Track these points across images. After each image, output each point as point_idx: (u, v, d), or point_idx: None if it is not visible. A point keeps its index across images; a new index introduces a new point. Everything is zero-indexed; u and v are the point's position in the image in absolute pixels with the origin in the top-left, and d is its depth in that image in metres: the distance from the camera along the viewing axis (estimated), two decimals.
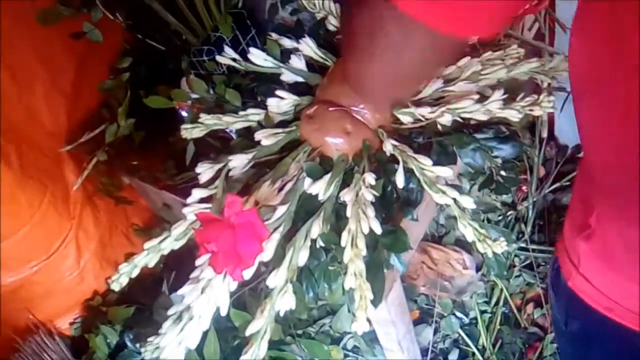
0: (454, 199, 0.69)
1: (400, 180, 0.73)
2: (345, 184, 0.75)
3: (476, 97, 0.75)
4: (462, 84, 0.80)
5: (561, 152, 1.52)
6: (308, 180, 0.75)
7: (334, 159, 0.78)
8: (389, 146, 0.76)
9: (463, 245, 1.39)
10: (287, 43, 0.90)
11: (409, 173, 0.73)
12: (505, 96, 0.74)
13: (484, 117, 0.75)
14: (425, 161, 0.71)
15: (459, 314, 1.39)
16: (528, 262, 1.46)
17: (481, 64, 0.82)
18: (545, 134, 1.33)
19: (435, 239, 1.41)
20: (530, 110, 0.74)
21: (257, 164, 0.79)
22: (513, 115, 0.74)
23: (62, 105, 1.06)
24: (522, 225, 1.50)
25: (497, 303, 1.41)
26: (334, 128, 0.77)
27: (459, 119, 0.76)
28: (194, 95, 0.90)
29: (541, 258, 1.47)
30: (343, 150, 0.78)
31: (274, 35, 0.92)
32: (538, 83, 0.86)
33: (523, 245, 1.47)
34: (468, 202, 0.68)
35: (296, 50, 0.89)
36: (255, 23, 1.00)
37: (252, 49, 0.88)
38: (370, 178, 0.72)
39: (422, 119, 0.77)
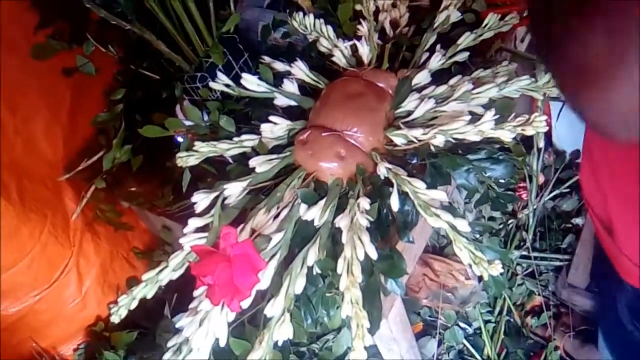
0: (449, 223, 0.69)
1: (395, 203, 0.73)
2: (340, 208, 0.75)
3: (468, 117, 0.76)
4: (454, 104, 0.80)
5: (559, 158, 1.52)
6: (303, 207, 0.75)
7: (328, 184, 0.78)
8: (383, 169, 0.76)
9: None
10: (280, 67, 0.91)
11: (403, 195, 0.74)
12: (497, 116, 0.75)
13: (476, 138, 0.75)
14: (419, 184, 0.72)
15: (462, 325, 1.39)
16: (530, 269, 1.46)
17: (472, 82, 0.82)
18: (542, 144, 1.33)
19: (437, 250, 1.41)
20: (523, 129, 0.74)
21: (252, 191, 0.80)
22: (505, 135, 0.74)
23: (60, 135, 1.07)
24: (524, 233, 1.49)
25: (500, 312, 1.41)
26: (328, 153, 0.78)
27: (451, 139, 0.77)
28: (188, 123, 0.90)
29: (543, 266, 1.46)
30: (337, 174, 0.78)
31: (267, 59, 0.93)
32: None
33: (525, 253, 1.47)
34: (463, 225, 0.68)
35: (288, 73, 0.90)
36: (248, 46, 1.01)
37: (244, 75, 0.88)
38: (365, 203, 0.72)
39: (415, 141, 0.78)
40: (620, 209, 0.74)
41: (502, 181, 0.79)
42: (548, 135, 1.51)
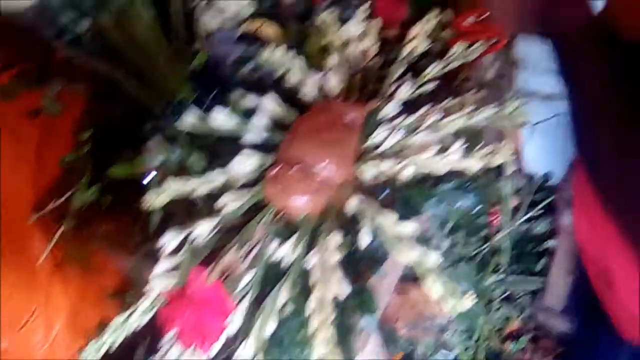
0: (418, 258, 0.68)
1: (365, 238, 0.73)
2: (312, 244, 0.75)
3: (437, 148, 0.76)
4: (423, 134, 0.80)
5: (530, 181, 1.53)
6: (274, 244, 0.75)
7: (299, 220, 0.77)
8: (353, 203, 0.76)
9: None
10: (250, 101, 0.91)
11: (374, 229, 0.73)
12: (465, 146, 0.75)
13: (445, 169, 0.75)
14: (389, 218, 0.71)
15: (442, 353, 1.37)
16: (507, 294, 1.46)
17: (441, 112, 0.83)
18: (512, 169, 1.34)
19: (413, 278, 1.40)
20: (490, 160, 0.74)
21: (223, 229, 0.79)
22: (473, 165, 0.75)
23: (28, 174, 1.03)
24: (499, 257, 1.49)
25: (479, 338, 1.40)
26: (298, 188, 0.77)
27: (421, 171, 0.77)
28: (157, 161, 0.89)
29: (520, 289, 1.47)
30: (308, 209, 0.78)
31: (237, 94, 0.93)
32: None
33: (501, 277, 1.47)
34: (433, 260, 0.68)
35: (259, 107, 0.90)
36: (218, 81, 1.00)
37: (214, 111, 0.88)
38: (336, 238, 0.72)
39: (385, 173, 0.78)
40: (625, 262, 0.72)
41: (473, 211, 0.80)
42: (518, 159, 1.53)
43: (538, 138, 1.36)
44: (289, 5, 1.13)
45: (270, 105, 0.88)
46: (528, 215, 1.51)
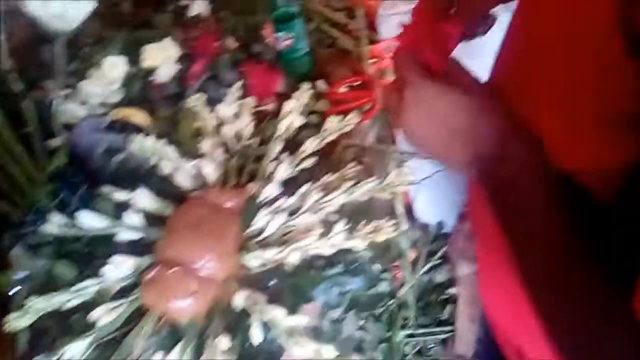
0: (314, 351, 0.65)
1: (256, 335, 0.69)
2: (201, 347, 0.69)
3: (320, 231, 0.74)
4: (306, 216, 0.78)
5: (425, 232, 1.55)
6: (158, 355, 0.69)
7: (184, 325, 0.72)
8: (239, 299, 0.72)
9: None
10: (121, 196, 0.85)
11: (266, 323, 0.69)
12: (347, 226, 0.73)
13: (331, 251, 0.73)
14: (279, 312, 0.68)
15: None
16: (419, 347, 1.45)
17: (321, 189, 0.81)
18: (405, 226, 1.36)
19: None
20: (374, 236, 0.73)
21: (100, 345, 0.72)
22: (358, 245, 0.73)
23: None
24: (406, 312, 1.49)
25: None
26: (179, 290, 0.72)
27: (307, 255, 0.74)
28: (21, 275, 0.80)
29: (430, 340, 1.46)
30: (192, 312, 0.72)
31: (106, 189, 0.86)
32: None
33: (410, 332, 1.46)
34: (329, 353, 0.65)
35: (130, 203, 0.84)
36: (87, 175, 0.94)
37: (80, 212, 0.81)
38: (224, 341, 0.68)
39: (270, 262, 0.74)
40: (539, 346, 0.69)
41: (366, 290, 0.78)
42: (410, 211, 1.55)
43: (427, 188, 1.38)
44: (158, 89, 1.09)
45: (142, 200, 0.83)
46: (428, 266, 1.52)
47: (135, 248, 0.81)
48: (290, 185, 0.84)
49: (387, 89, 0.54)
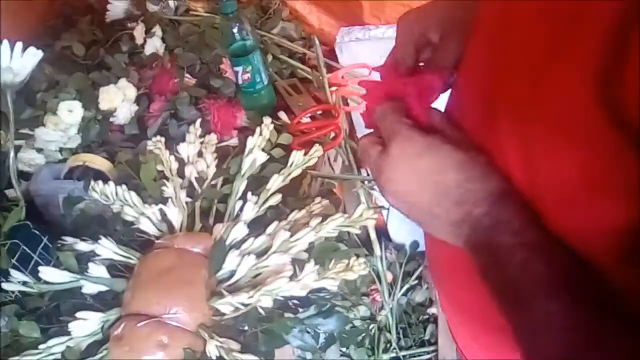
0: None
1: None
2: None
3: (289, 273, 0.73)
4: (275, 257, 0.76)
5: (401, 252, 1.55)
6: None
7: None
8: (212, 349, 0.69)
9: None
10: (84, 247, 0.82)
11: None
12: (317, 267, 0.72)
13: (302, 293, 0.72)
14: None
15: None
16: None
17: (289, 228, 0.80)
18: (378, 251, 1.35)
19: None
20: (345, 275, 0.72)
21: None
22: (330, 284, 0.72)
23: None
24: (387, 334, 1.48)
25: None
26: (148, 345, 0.69)
27: (279, 298, 0.73)
28: None
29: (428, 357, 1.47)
30: None
31: (68, 240, 0.83)
32: None
33: (393, 354, 1.45)
34: None
35: (94, 254, 0.81)
36: (49, 224, 0.92)
37: (41, 268, 0.78)
38: None
39: (242, 307, 0.72)
40: None
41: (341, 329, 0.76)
42: (385, 233, 1.55)
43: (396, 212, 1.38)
44: (118, 131, 1.07)
45: (106, 251, 0.80)
46: (406, 287, 1.52)
47: (101, 301, 0.78)
48: (257, 225, 0.82)
49: (365, 143, 0.50)
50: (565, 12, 0.35)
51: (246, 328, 0.73)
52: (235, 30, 1.05)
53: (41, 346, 0.73)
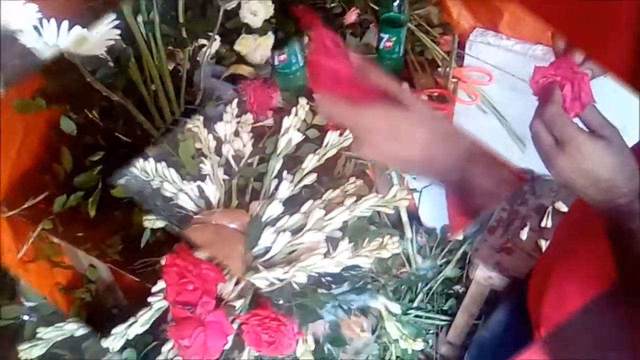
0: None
1: None
2: None
3: (324, 250, 0.76)
4: (310, 234, 0.79)
5: (432, 236, 1.57)
6: None
7: None
8: None
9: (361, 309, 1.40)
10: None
11: None
12: (351, 245, 0.76)
13: (336, 269, 0.74)
14: None
15: None
16: None
17: (324, 207, 0.82)
18: (410, 233, 1.37)
19: None
20: (379, 253, 0.75)
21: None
22: (364, 262, 0.75)
23: (6, 170, 1.04)
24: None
25: None
26: None
27: (313, 274, 0.76)
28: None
29: (427, 324, 1.57)
30: None
31: None
32: None
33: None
34: (395, 308, 0.78)
35: None
36: None
37: None
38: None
39: (277, 282, 0.75)
40: None
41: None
42: (416, 217, 1.56)
43: (430, 194, 1.39)
44: None
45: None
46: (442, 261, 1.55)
47: None
48: (292, 203, 0.84)
49: (539, 130, 0.56)
50: None
51: (281, 302, 0.76)
52: (396, 3, 1.15)
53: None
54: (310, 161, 0.89)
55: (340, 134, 0.92)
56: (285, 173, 0.88)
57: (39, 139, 1.12)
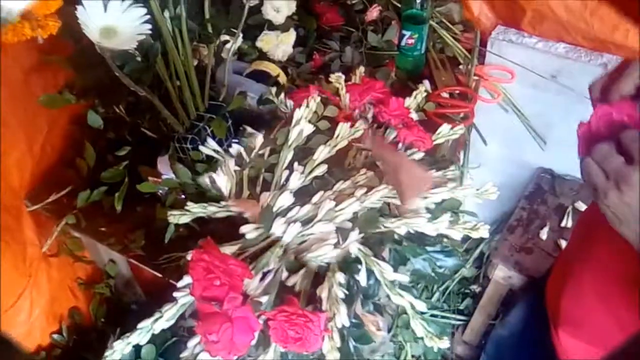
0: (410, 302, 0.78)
1: (363, 278, 0.80)
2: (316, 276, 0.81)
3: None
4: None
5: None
6: (285, 274, 0.81)
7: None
8: (354, 249, 0.81)
9: (377, 307, 1.41)
10: (260, 139, 0.94)
11: (368, 272, 0.81)
12: (450, 218, 0.85)
13: (433, 233, 0.84)
14: (386, 267, 0.79)
15: None
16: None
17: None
18: None
19: None
20: (469, 232, 0.86)
21: (239, 254, 0.81)
22: (455, 234, 0.86)
23: (30, 165, 1.09)
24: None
25: None
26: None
27: (411, 230, 0.85)
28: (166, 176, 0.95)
29: (442, 323, 1.59)
30: None
31: (249, 130, 0.96)
32: None
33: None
34: (421, 306, 0.78)
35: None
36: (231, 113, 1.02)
37: (233, 146, 0.95)
38: (340, 277, 0.78)
39: (382, 227, 0.84)
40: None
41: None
42: None
43: None
44: None
45: None
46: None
47: None
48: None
49: (607, 149, 0.54)
50: None
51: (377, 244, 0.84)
52: (418, 0, 1.14)
53: (223, 203, 0.87)
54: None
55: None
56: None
57: (62, 133, 1.14)
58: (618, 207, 0.53)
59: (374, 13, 1.34)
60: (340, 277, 0.78)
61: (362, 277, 0.80)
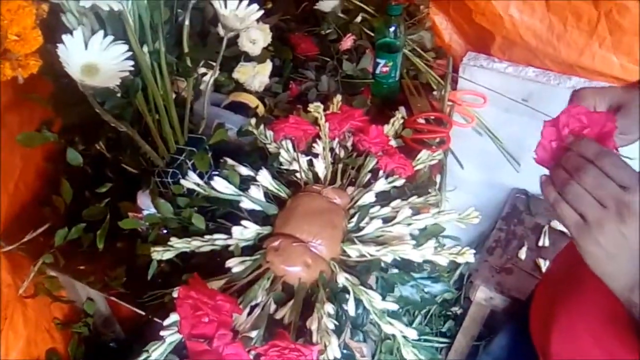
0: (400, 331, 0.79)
1: (352, 308, 0.81)
2: (304, 307, 0.81)
3: (413, 242, 0.86)
4: (399, 227, 0.89)
5: None
6: (274, 306, 0.81)
7: (295, 287, 0.84)
8: (341, 279, 0.83)
9: None
10: (244, 171, 0.97)
11: (357, 301, 0.81)
12: (435, 244, 0.86)
13: (419, 259, 0.85)
14: (375, 295, 0.80)
15: None
16: None
17: (411, 207, 0.93)
18: None
19: None
20: (455, 257, 0.86)
21: (226, 289, 0.81)
22: (441, 260, 0.86)
23: (5, 204, 1.05)
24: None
25: None
26: (297, 261, 0.84)
27: (398, 258, 0.86)
28: (147, 212, 0.96)
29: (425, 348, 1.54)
30: (303, 279, 0.84)
31: (230, 162, 0.98)
32: None
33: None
34: (412, 334, 0.79)
35: (252, 178, 0.96)
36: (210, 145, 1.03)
37: (215, 178, 0.94)
38: (329, 308, 0.79)
39: (368, 255, 0.86)
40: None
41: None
42: None
43: None
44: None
45: (265, 181, 0.95)
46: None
47: (253, 217, 0.92)
48: (381, 197, 0.96)
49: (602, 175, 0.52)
50: None
51: (368, 273, 0.86)
52: (391, 29, 1.18)
53: (207, 237, 0.89)
54: None
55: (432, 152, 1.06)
56: (381, 172, 1.01)
57: (36, 170, 1.12)
58: (613, 240, 0.49)
59: (348, 42, 1.36)
60: (329, 307, 0.79)
61: (350, 307, 0.81)
